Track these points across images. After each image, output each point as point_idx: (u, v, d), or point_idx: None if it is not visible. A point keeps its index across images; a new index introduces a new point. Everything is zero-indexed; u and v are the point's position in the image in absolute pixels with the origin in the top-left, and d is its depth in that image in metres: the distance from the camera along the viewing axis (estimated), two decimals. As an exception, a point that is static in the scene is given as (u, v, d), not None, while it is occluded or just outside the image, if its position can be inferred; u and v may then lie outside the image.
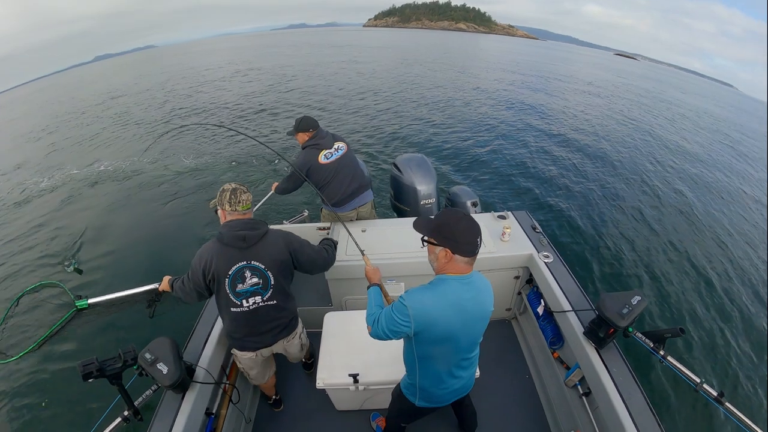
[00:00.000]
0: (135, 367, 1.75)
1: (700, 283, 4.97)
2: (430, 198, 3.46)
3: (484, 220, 3.01)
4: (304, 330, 2.34)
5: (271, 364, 2.35)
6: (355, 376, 2.02)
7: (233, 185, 1.80)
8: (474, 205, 3.57)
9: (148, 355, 1.71)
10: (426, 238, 1.42)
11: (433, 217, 1.45)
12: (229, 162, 8.70)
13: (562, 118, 13.46)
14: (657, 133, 13.16)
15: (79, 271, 4.85)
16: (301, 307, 2.97)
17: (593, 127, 12.62)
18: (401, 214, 3.64)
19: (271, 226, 3.14)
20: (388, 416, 2.07)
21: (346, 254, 2.74)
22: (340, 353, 2.20)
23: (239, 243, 1.75)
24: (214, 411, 2.11)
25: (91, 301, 4.01)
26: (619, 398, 1.76)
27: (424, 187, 3.44)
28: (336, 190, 2.93)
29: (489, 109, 13.77)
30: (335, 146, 2.94)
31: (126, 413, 1.80)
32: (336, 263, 2.65)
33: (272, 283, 1.85)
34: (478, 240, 1.34)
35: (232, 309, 1.84)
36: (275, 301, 1.90)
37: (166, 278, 2.12)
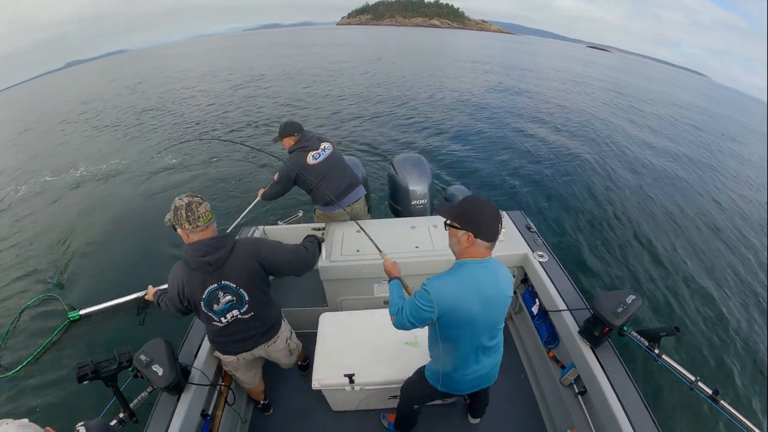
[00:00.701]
0: (130, 368, 1.74)
1: (695, 281, 5.00)
2: (423, 198, 3.46)
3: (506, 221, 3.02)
4: (293, 334, 2.30)
5: (257, 368, 2.32)
6: (350, 377, 2.02)
7: (186, 199, 1.61)
8: None
9: (143, 357, 1.71)
10: (449, 222, 1.45)
11: (456, 203, 1.49)
12: (209, 163, 8.59)
13: (548, 117, 13.52)
14: (640, 129, 13.36)
15: (61, 286, 4.77)
16: (296, 308, 2.97)
17: (582, 126, 12.71)
18: (396, 213, 3.64)
19: (267, 227, 3.14)
20: (405, 398, 2.05)
21: (341, 255, 2.74)
22: (336, 354, 2.19)
23: (206, 268, 1.67)
24: (209, 412, 2.11)
25: (82, 312, 4.01)
26: (615, 397, 1.77)
27: (417, 187, 3.45)
28: (328, 189, 2.92)
29: (483, 108, 13.80)
30: (321, 146, 2.95)
31: (121, 415, 1.78)
32: (331, 264, 2.66)
33: (247, 299, 1.80)
34: (499, 226, 1.39)
35: (212, 323, 1.84)
36: (252, 313, 1.87)
37: (152, 289, 2.13)
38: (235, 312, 1.82)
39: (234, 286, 1.74)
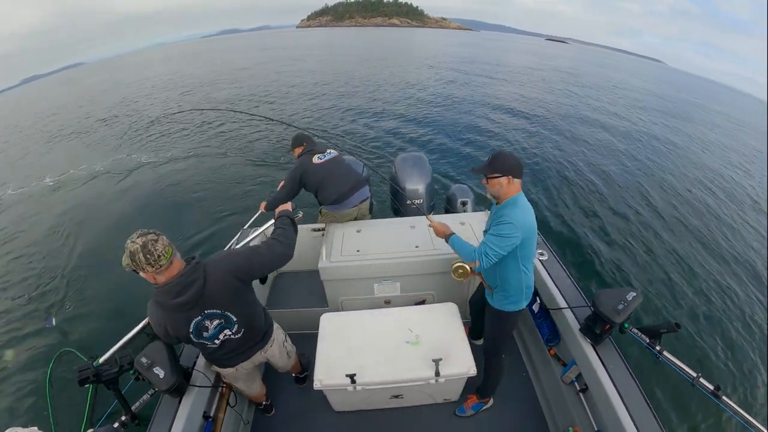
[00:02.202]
0: (131, 371, 1.74)
1: (696, 277, 5.00)
2: (418, 198, 3.45)
3: (480, 218, 3.02)
4: (287, 336, 2.27)
5: (256, 376, 2.30)
6: (352, 377, 2.02)
7: (139, 240, 1.41)
8: (463, 204, 3.58)
9: (144, 360, 1.70)
10: (490, 175, 1.83)
11: (487, 162, 1.87)
12: (203, 169, 8.57)
13: (525, 109, 13.94)
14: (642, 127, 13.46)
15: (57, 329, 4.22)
16: (296, 308, 2.97)
17: (581, 118, 13.11)
18: (397, 213, 3.64)
19: (266, 229, 3.09)
20: (493, 355, 2.33)
21: (341, 255, 2.74)
22: (337, 354, 2.19)
23: (183, 308, 1.56)
24: (211, 414, 2.11)
25: (102, 359, 3.51)
26: (616, 394, 1.77)
27: (413, 187, 3.45)
28: (334, 187, 2.96)
29: (478, 107, 13.88)
30: (327, 151, 3.07)
31: (123, 418, 1.79)
32: (331, 264, 2.66)
33: (235, 319, 1.72)
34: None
35: (206, 347, 1.77)
36: (243, 330, 1.79)
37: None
38: (227, 332, 1.74)
39: (219, 311, 1.65)
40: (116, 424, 1.75)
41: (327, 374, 2.09)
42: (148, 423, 1.79)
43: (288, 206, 2.16)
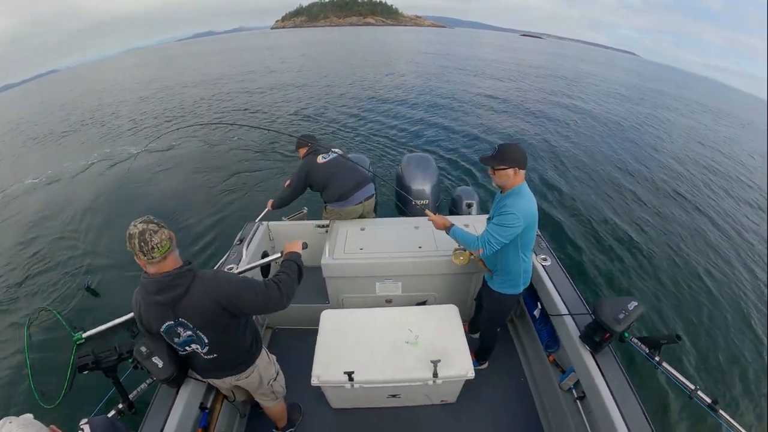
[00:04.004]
0: (130, 360, 1.75)
1: (698, 289, 4.97)
2: (423, 198, 3.45)
3: (483, 222, 3.01)
4: (279, 375, 2.12)
5: (239, 387, 2.10)
6: (350, 374, 2.02)
7: (140, 226, 1.39)
8: (468, 206, 3.58)
9: (143, 349, 1.70)
10: (497, 167, 1.91)
11: (494, 154, 1.95)
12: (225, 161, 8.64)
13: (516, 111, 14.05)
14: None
15: (95, 293, 4.40)
16: (297, 304, 2.98)
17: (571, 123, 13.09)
18: (402, 213, 3.64)
19: (271, 223, 3.11)
20: (489, 328, 2.60)
21: (344, 252, 2.74)
22: (336, 351, 2.20)
23: (160, 307, 1.52)
24: (208, 405, 2.11)
25: (86, 334, 3.52)
26: (614, 403, 1.76)
27: (419, 187, 3.45)
28: (339, 184, 3.01)
29: (475, 108, 13.85)
30: (331, 150, 3.11)
31: (120, 406, 1.80)
32: (334, 261, 2.66)
33: (206, 341, 1.62)
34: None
35: (178, 350, 1.71)
36: (215, 355, 1.70)
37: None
38: (196, 347, 1.66)
39: (192, 326, 1.56)
40: (113, 412, 1.76)
41: (325, 371, 2.09)
42: (144, 412, 1.79)
43: (298, 246, 2.00)
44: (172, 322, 1.55)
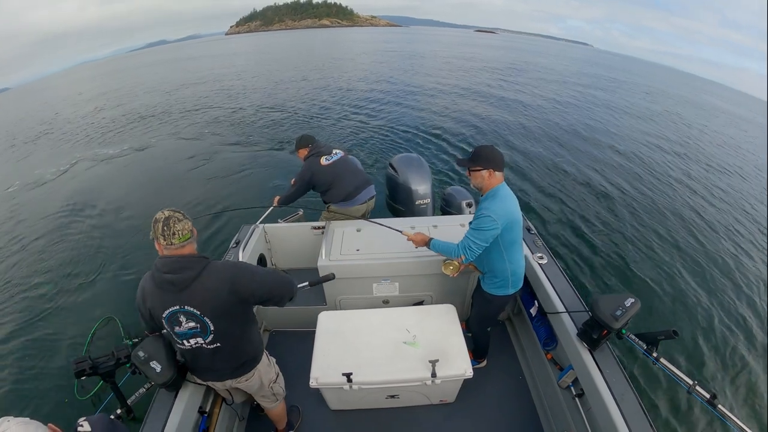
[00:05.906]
0: (128, 365, 1.74)
1: (695, 285, 4.99)
2: (426, 198, 3.47)
3: None
4: (280, 377, 2.13)
5: (239, 390, 2.10)
6: (348, 376, 2.02)
7: (166, 213, 1.47)
8: (468, 205, 3.58)
9: (141, 353, 1.70)
10: (472, 168, 1.94)
11: (469, 156, 1.99)
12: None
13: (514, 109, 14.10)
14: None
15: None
16: (294, 306, 2.98)
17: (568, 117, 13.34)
18: (396, 214, 3.64)
19: (267, 225, 3.11)
20: (479, 328, 2.59)
21: (340, 254, 2.74)
22: (334, 353, 2.20)
23: (168, 287, 1.51)
24: (207, 409, 2.10)
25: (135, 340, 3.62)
26: (612, 400, 1.77)
27: (420, 187, 3.45)
28: (344, 186, 3.08)
29: (474, 106, 13.88)
30: (333, 152, 3.14)
31: (119, 411, 1.79)
32: (331, 263, 2.66)
33: (212, 329, 1.59)
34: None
35: (177, 345, 1.69)
36: (218, 344, 1.66)
37: None
38: (199, 340, 1.63)
39: (198, 313, 1.54)
40: (111, 417, 1.75)
41: (323, 373, 2.09)
42: (143, 417, 1.79)
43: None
44: (177, 307, 1.53)
